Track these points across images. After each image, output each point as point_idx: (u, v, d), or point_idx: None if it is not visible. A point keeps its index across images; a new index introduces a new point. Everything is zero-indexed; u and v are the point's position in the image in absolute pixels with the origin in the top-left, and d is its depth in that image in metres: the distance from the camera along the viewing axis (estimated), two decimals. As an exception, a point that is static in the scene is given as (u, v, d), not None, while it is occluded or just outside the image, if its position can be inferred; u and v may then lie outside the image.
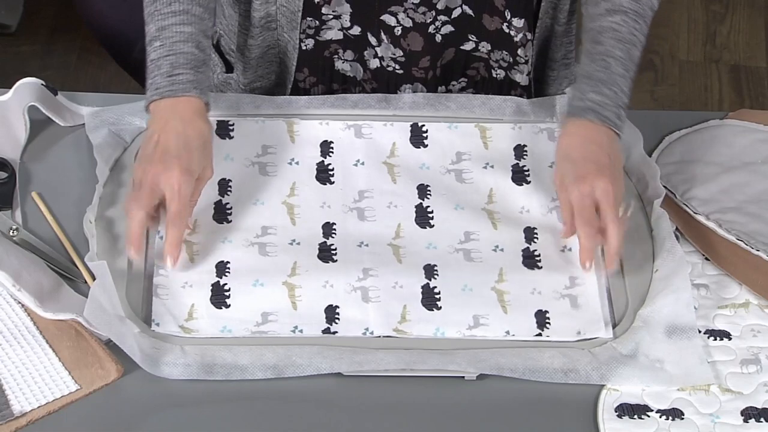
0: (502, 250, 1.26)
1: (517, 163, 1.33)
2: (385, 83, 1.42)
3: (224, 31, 1.47)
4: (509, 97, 1.39)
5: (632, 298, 1.22)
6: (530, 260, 1.25)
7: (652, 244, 1.26)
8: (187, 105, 1.23)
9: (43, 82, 1.33)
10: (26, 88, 1.32)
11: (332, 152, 1.33)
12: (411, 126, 1.35)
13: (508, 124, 1.36)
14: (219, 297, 1.20)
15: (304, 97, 1.38)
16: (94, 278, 1.16)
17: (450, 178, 1.32)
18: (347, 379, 1.15)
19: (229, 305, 1.20)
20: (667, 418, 1.14)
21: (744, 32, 2.67)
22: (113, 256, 1.21)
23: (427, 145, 1.34)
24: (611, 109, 1.25)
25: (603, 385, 1.16)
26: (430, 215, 1.28)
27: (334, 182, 1.30)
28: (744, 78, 2.58)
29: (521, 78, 1.43)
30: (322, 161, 1.32)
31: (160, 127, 1.22)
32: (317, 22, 1.37)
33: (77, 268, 1.22)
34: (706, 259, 1.27)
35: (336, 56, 1.40)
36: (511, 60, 1.41)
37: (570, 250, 1.26)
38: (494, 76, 1.42)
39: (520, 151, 1.34)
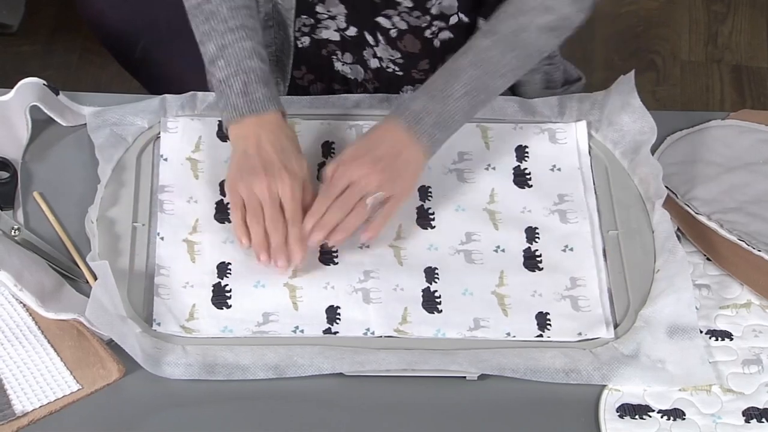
0: (503, 250, 1.26)
1: (519, 165, 1.33)
2: (386, 84, 1.42)
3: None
4: (511, 96, 1.39)
5: (634, 298, 1.22)
6: (531, 261, 1.25)
7: (653, 244, 1.26)
8: (270, 118, 1.23)
9: (45, 82, 1.33)
10: (28, 88, 1.32)
11: (333, 153, 1.33)
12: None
13: (509, 125, 1.36)
14: (220, 298, 1.20)
15: (306, 96, 1.38)
16: (95, 278, 1.16)
17: (452, 177, 1.32)
18: (348, 379, 1.15)
19: (230, 306, 1.20)
20: (669, 419, 1.14)
21: (746, 32, 2.67)
22: (115, 256, 1.21)
23: (428, 146, 1.34)
24: (424, 117, 1.22)
25: (604, 386, 1.16)
26: (431, 216, 1.28)
27: (335, 182, 1.30)
28: (745, 78, 2.58)
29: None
30: (324, 162, 1.32)
31: (252, 142, 1.22)
32: (312, 20, 1.37)
33: (79, 267, 1.22)
34: (708, 259, 1.27)
35: (335, 57, 1.40)
36: None
37: (572, 250, 1.26)
38: None
39: (521, 152, 1.34)
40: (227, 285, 1.21)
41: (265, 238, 1.19)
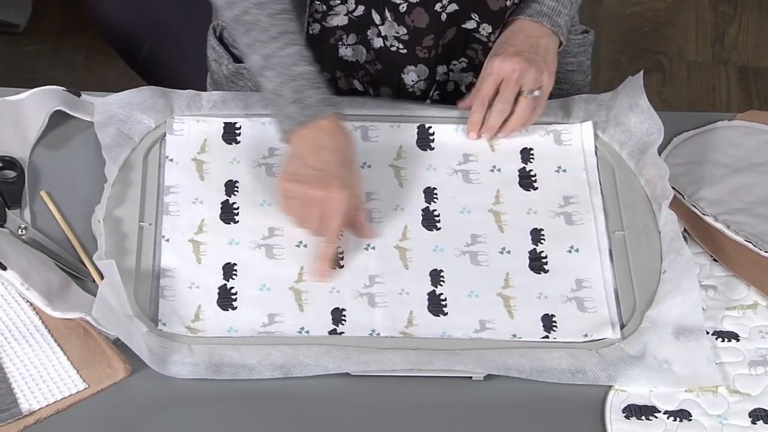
0: (509, 252, 1.26)
1: (524, 167, 1.33)
2: (388, 64, 1.41)
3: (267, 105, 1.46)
4: (516, 97, 1.39)
5: (640, 299, 1.22)
6: (537, 262, 1.25)
7: (660, 245, 1.26)
8: (327, 121, 1.23)
9: (64, 88, 1.34)
10: (48, 95, 1.34)
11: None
12: (418, 128, 1.35)
13: (514, 126, 1.36)
14: (226, 299, 1.20)
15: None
16: (102, 277, 1.16)
17: (457, 178, 1.32)
18: (354, 379, 1.15)
19: (236, 307, 1.20)
20: (675, 419, 1.14)
21: (752, 33, 2.66)
22: (121, 256, 1.21)
23: (433, 148, 1.34)
24: (564, 18, 1.28)
25: (610, 386, 1.16)
26: (437, 218, 1.28)
27: (340, 184, 1.30)
28: (752, 79, 2.58)
29: None
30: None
31: (310, 148, 1.22)
32: (324, 6, 1.37)
33: (86, 267, 1.22)
34: (714, 260, 1.27)
35: (341, 42, 1.40)
36: None
37: (577, 251, 1.26)
38: None
39: (526, 154, 1.34)
40: (233, 287, 1.21)
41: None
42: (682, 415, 1.14)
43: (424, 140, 1.35)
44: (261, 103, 1.36)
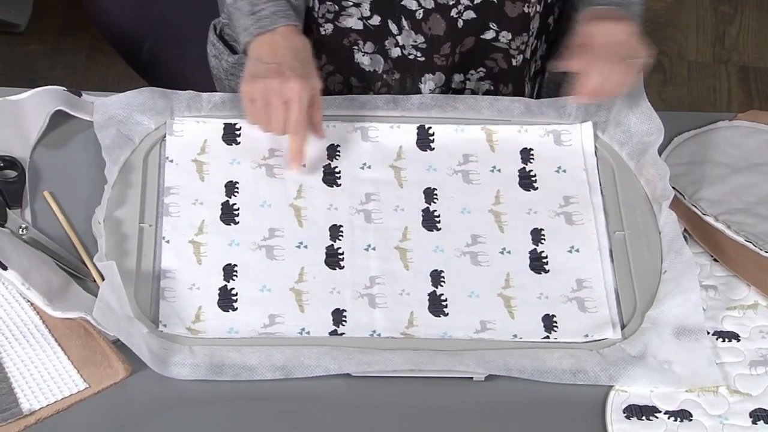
0: (509, 252, 1.26)
1: (524, 168, 1.33)
2: (406, 73, 1.41)
3: (228, 19, 1.46)
4: (517, 98, 1.39)
5: (640, 299, 1.22)
6: (537, 262, 1.25)
7: (660, 245, 1.26)
8: (282, 31, 1.28)
9: (65, 88, 1.34)
10: (49, 95, 1.34)
11: (339, 155, 1.33)
12: (417, 128, 1.35)
13: (514, 127, 1.36)
14: (226, 300, 1.20)
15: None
16: (103, 277, 1.16)
17: (457, 178, 1.32)
18: (355, 380, 1.15)
19: (236, 308, 1.20)
20: (676, 420, 1.14)
21: (753, 33, 2.66)
22: (122, 257, 1.21)
23: (433, 149, 1.34)
24: (637, 9, 1.31)
25: (611, 386, 1.16)
26: (437, 218, 1.28)
27: (341, 185, 1.30)
28: (753, 79, 2.58)
29: (535, 60, 1.43)
30: (329, 164, 1.32)
31: (266, 49, 1.27)
32: (336, 6, 1.37)
33: (86, 266, 1.22)
34: (715, 260, 1.27)
35: (356, 47, 1.40)
36: (531, 44, 1.41)
37: (577, 251, 1.26)
38: (514, 64, 1.42)
39: (526, 155, 1.34)
40: (233, 289, 1.21)
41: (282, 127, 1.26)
42: (682, 415, 1.14)
43: (424, 141, 1.35)
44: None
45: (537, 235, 1.27)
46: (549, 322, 1.20)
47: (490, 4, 1.36)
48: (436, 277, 1.23)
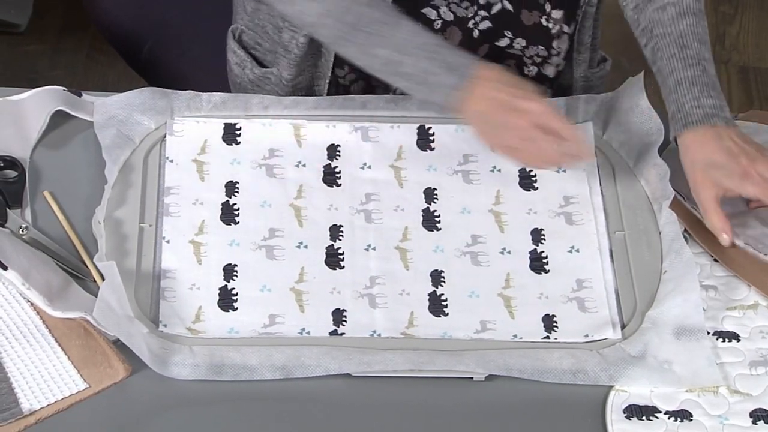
0: (509, 252, 1.26)
1: (524, 167, 1.33)
2: None
3: (246, 26, 1.46)
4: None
5: (640, 300, 1.22)
6: (537, 263, 1.25)
7: (660, 245, 1.26)
8: (483, 75, 1.24)
9: (65, 88, 1.34)
10: (49, 95, 1.34)
11: (339, 155, 1.33)
12: (418, 128, 1.35)
13: (515, 127, 1.36)
14: (226, 300, 1.20)
15: (311, 97, 1.37)
16: (103, 277, 1.16)
17: (457, 178, 1.32)
18: (356, 380, 1.15)
19: (237, 308, 1.20)
20: (676, 420, 1.14)
21: (753, 33, 2.66)
22: (122, 257, 1.21)
23: (433, 149, 1.34)
24: (726, 110, 1.27)
25: (611, 386, 1.16)
26: (437, 218, 1.28)
27: (341, 185, 1.30)
28: (753, 79, 2.58)
29: (551, 71, 1.43)
30: (329, 164, 1.32)
31: (481, 93, 1.23)
32: None
33: (86, 266, 1.22)
34: (715, 260, 1.27)
35: None
36: (546, 54, 1.41)
37: (578, 251, 1.26)
38: (526, 72, 1.42)
39: (527, 154, 1.34)
40: (233, 288, 1.21)
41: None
42: (682, 415, 1.14)
43: (425, 141, 1.35)
44: (260, 104, 1.35)
45: (537, 235, 1.27)
46: (549, 322, 1.20)
47: (507, 13, 1.36)
48: (436, 277, 1.23)
